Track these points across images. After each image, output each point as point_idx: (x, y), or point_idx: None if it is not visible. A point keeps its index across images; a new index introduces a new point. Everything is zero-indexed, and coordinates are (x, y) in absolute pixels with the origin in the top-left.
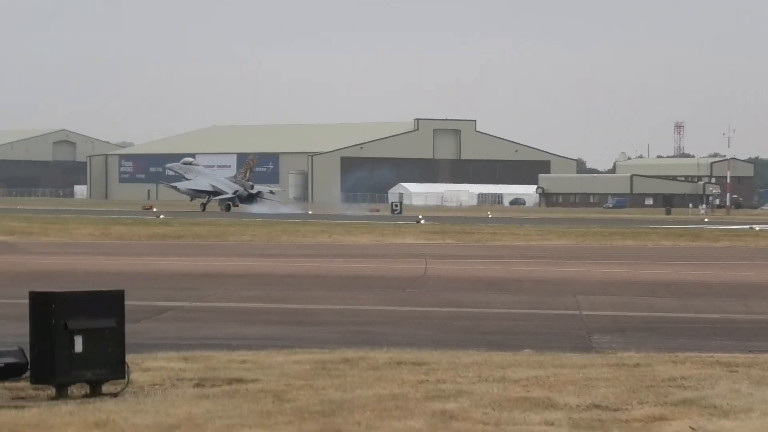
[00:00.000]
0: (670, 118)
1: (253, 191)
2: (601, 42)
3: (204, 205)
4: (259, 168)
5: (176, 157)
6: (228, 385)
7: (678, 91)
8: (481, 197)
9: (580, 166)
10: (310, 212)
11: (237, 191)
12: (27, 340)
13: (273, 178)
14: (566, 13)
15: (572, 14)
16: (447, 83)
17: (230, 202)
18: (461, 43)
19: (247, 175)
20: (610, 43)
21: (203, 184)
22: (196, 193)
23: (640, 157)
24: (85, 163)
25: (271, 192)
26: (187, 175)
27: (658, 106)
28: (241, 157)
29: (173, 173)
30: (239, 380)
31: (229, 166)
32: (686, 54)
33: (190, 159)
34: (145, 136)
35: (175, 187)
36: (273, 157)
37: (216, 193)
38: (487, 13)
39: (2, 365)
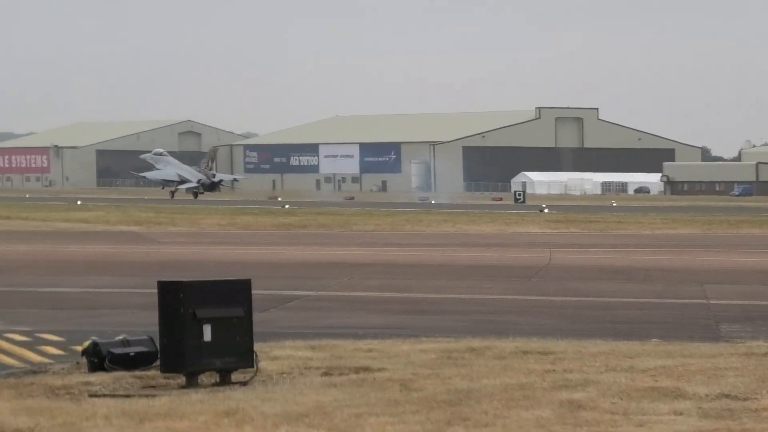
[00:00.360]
0: None
1: (215, 179)
2: (724, 30)
3: (173, 193)
4: (381, 157)
5: (300, 147)
6: (355, 373)
7: None
8: (605, 186)
9: (705, 154)
10: (432, 201)
11: (200, 180)
12: (156, 329)
13: (395, 167)
14: (687, 1)
15: (692, 3)
16: (569, 71)
17: (196, 190)
18: (583, 31)
19: (210, 165)
20: (733, 30)
21: (171, 173)
22: (164, 182)
23: (766, 144)
24: None
25: (235, 180)
26: (157, 165)
27: None
28: (364, 147)
29: (147, 163)
30: (366, 369)
31: (352, 156)
32: None
33: (160, 150)
34: (269, 127)
35: (144, 177)
36: (395, 147)
37: (182, 181)
38: (610, 1)
39: (133, 354)
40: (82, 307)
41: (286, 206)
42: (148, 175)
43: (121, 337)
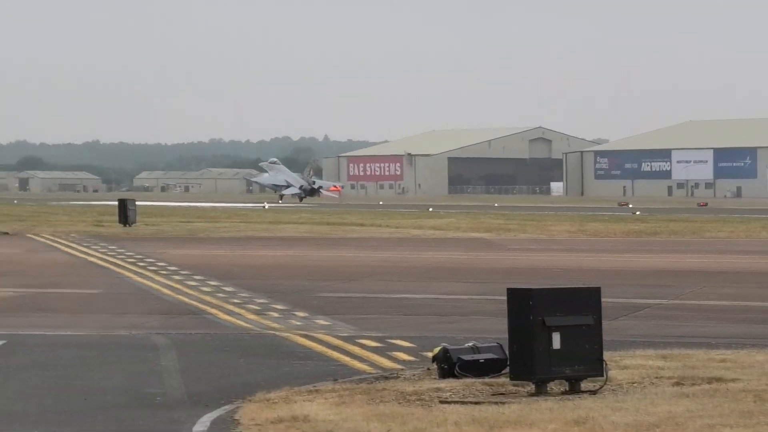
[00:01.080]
0: None
1: (315, 186)
2: None
3: (281, 196)
4: (736, 163)
5: (651, 153)
6: (707, 384)
7: None
8: None
9: None
10: None
11: (302, 186)
12: (506, 336)
13: (751, 172)
14: None
15: None
16: None
17: (299, 194)
18: None
19: (311, 173)
20: None
21: (278, 179)
22: (274, 186)
23: None
24: (561, 160)
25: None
26: (269, 171)
27: None
28: (718, 153)
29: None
30: (719, 379)
31: (705, 161)
32: None
33: (275, 159)
34: (620, 133)
35: (256, 181)
36: (750, 152)
37: (288, 186)
38: None
39: (482, 361)
40: (432, 313)
41: (637, 213)
42: (259, 179)
43: (471, 344)
